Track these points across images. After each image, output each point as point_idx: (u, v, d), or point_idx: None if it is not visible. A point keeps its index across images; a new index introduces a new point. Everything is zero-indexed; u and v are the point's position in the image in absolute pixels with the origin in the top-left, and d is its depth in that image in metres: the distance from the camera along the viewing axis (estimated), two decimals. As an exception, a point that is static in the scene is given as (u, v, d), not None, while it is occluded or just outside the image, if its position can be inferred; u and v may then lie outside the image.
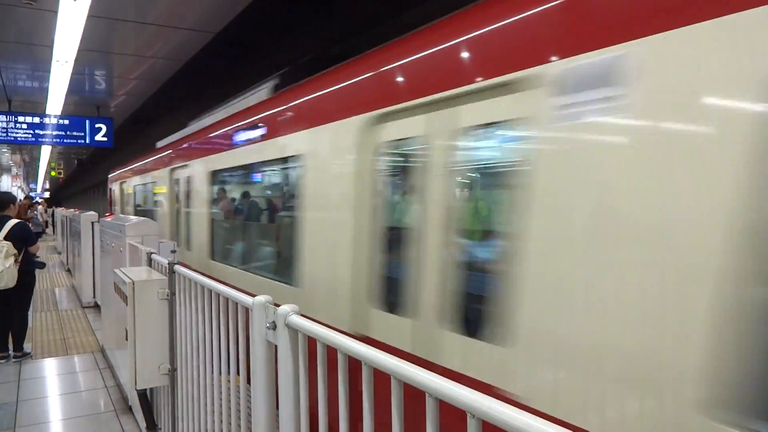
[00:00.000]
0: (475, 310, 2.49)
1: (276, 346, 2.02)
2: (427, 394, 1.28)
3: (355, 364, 1.57)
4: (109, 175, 14.80)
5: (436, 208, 2.65)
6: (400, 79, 2.96)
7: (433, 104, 2.71)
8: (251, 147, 4.92)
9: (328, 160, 3.56)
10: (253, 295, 2.14)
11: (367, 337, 3.04)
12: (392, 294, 2.95)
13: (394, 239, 3.01)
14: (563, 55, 2.00)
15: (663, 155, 1.66)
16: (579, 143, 1.92)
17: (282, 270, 4.52)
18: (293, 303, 2.00)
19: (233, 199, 6.44)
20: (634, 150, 1.75)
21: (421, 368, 1.34)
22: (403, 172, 3.12)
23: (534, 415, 1.04)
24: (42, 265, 7.28)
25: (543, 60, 2.08)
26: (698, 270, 1.54)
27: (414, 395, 1.38)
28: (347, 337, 1.64)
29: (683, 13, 1.64)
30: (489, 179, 2.73)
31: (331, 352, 1.68)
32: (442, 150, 2.66)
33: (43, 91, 11.00)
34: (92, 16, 6.77)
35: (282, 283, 4.29)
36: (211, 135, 6.40)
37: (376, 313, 3.03)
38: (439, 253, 2.62)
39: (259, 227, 5.80)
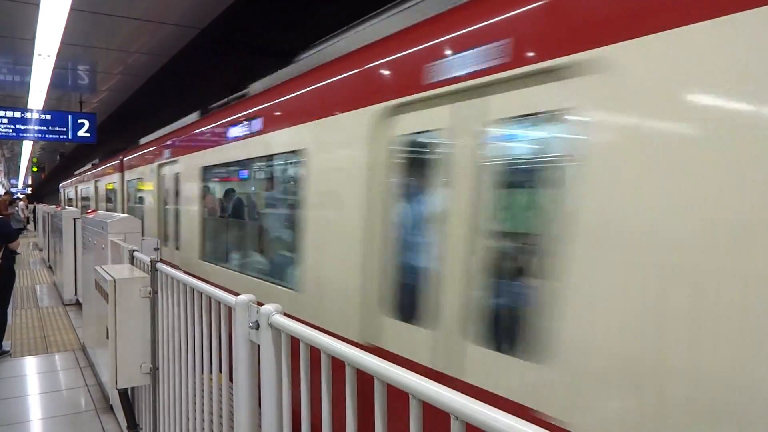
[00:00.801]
0: None
1: (259, 346, 2.00)
2: (410, 396, 1.28)
3: (338, 365, 1.56)
4: (60, 185, 25.15)
5: None
6: None
7: None
8: None
9: None
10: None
11: None
12: None
13: None
14: None
15: None
16: None
17: None
18: None
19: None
20: None
21: (405, 369, 1.33)
22: None
23: (517, 418, 1.04)
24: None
25: None
26: None
27: (398, 396, 1.37)
28: (331, 337, 1.62)
29: None
30: None
31: (314, 352, 1.66)
32: None
33: (25, 86, 10.84)
34: (75, 9, 6.67)
35: None
36: None
37: None
38: None
39: None
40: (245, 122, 4.70)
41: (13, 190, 42.76)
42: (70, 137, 11.71)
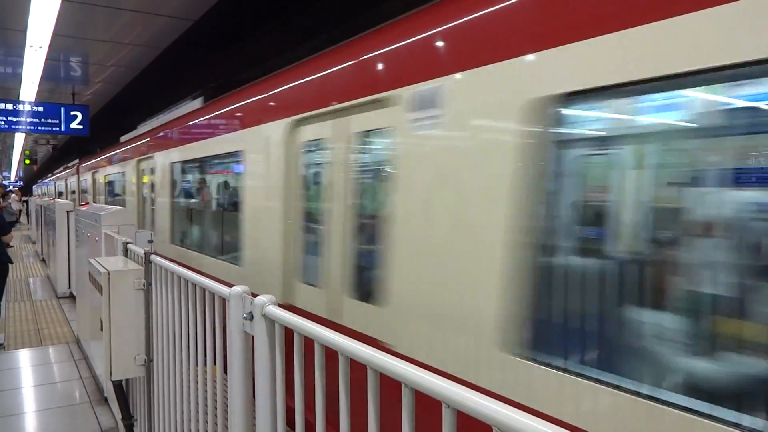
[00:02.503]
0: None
1: (253, 337, 2.01)
2: (403, 384, 1.29)
3: (331, 354, 1.57)
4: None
5: None
6: None
7: None
8: None
9: None
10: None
11: None
12: None
13: None
14: None
15: None
16: None
17: None
18: None
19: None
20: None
21: (398, 358, 1.34)
22: None
23: (508, 405, 1.05)
24: (9, 261, 6.91)
25: None
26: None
27: (390, 385, 1.39)
28: (324, 327, 1.63)
29: None
30: None
31: (308, 342, 1.68)
32: None
33: (17, 77, 10.77)
34: (67, 0, 6.63)
35: None
36: None
37: None
38: None
39: None
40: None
41: (5, 183, 42.50)
42: (62, 129, 11.65)
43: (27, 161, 27.70)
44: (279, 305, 1.86)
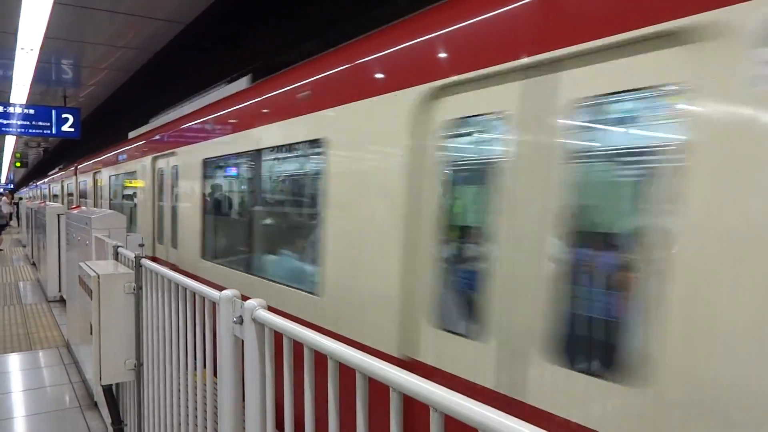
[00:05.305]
0: None
1: (243, 341, 2.01)
2: (390, 389, 1.29)
3: (321, 359, 1.57)
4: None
5: None
6: None
7: None
8: None
9: None
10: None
11: None
12: None
13: None
14: None
15: None
16: None
17: None
18: None
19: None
20: None
21: (386, 363, 1.34)
22: None
23: (496, 410, 1.05)
24: None
25: None
26: None
27: (380, 389, 1.39)
28: (313, 331, 1.63)
29: None
30: None
31: (298, 346, 1.68)
32: None
33: (7, 80, 10.71)
34: (59, 3, 6.61)
35: None
36: None
37: None
38: None
39: None
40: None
41: (-4, 185, 42.20)
42: (53, 132, 11.58)
43: (18, 164, 27.54)
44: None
